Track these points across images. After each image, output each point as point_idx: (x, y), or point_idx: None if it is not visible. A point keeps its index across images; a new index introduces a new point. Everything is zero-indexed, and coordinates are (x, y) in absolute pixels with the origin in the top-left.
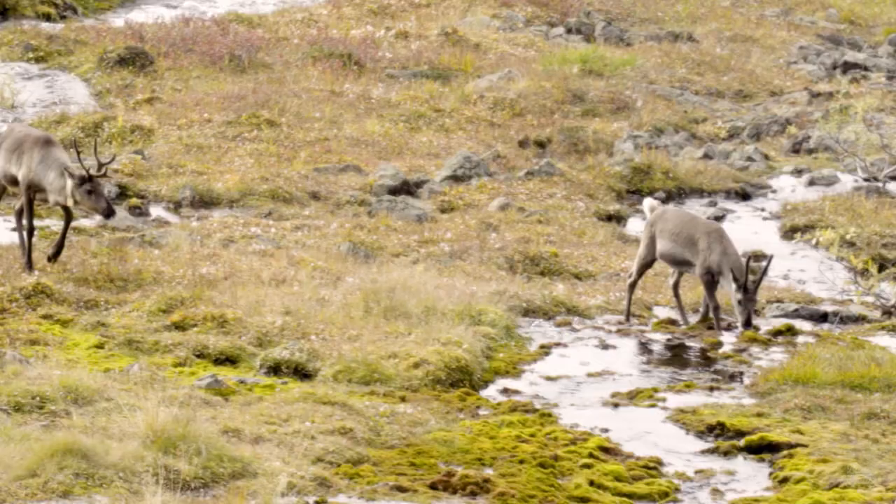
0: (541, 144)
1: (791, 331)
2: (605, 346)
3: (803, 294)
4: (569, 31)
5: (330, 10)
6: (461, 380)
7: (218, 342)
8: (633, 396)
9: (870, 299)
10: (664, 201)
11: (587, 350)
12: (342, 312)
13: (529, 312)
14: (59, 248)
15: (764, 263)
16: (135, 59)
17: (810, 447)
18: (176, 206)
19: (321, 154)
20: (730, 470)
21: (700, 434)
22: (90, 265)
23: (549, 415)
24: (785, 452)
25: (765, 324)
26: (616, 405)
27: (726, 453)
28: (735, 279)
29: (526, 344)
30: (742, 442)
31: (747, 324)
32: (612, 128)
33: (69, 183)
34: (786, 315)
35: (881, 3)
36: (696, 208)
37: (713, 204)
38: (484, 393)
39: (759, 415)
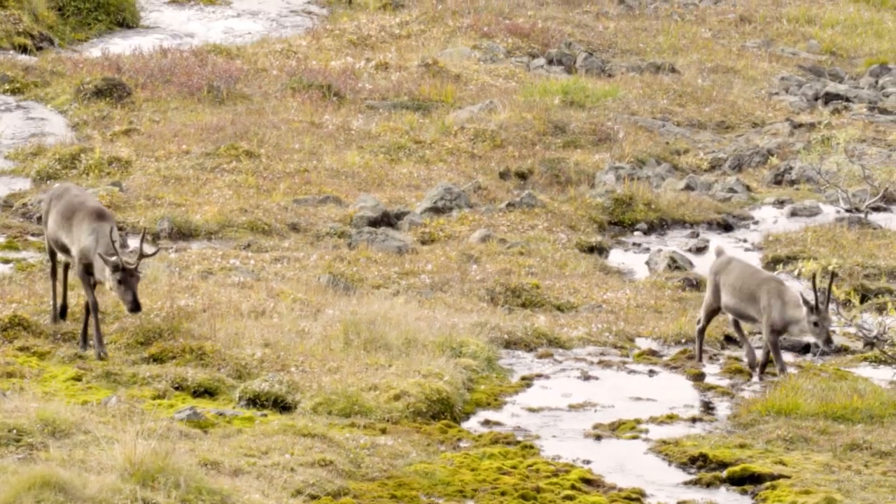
0: (522, 176)
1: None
2: (587, 378)
3: None
4: (550, 62)
5: (309, 41)
6: (442, 412)
7: (197, 374)
8: (616, 428)
9: (852, 330)
10: (646, 233)
11: (569, 381)
12: (322, 344)
13: (511, 344)
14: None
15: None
16: (112, 91)
17: (793, 478)
18: (154, 238)
19: (301, 185)
20: (712, 501)
21: (682, 465)
22: (68, 298)
23: (531, 446)
24: (768, 484)
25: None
26: (598, 437)
27: (709, 485)
28: (806, 304)
29: (507, 375)
30: (724, 473)
31: (829, 342)
32: (593, 159)
33: (107, 268)
34: None
35: (862, 35)
36: (679, 239)
37: (695, 235)
38: (465, 425)
39: (742, 446)
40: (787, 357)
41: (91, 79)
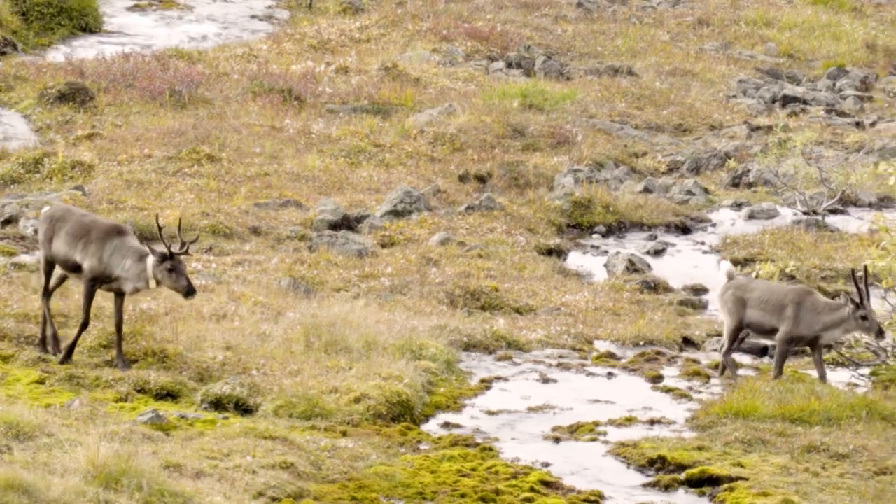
0: (481, 179)
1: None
2: (546, 380)
3: None
4: (509, 65)
5: (270, 45)
6: (402, 414)
7: (159, 377)
8: (574, 430)
9: None
10: (604, 235)
11: (528, 384)
12: (283, 347)
13: (470, 347)
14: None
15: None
16: (75, 95)
17: (751, 480)
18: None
19: (262, 189)
20: (671, 503)
21: (641, 468)
22: (31, 301)
23: (491, 449)
24: (726, 486)
25: (705, 357)
26: (557, 439)
27: (667, 487)
28: (851, 301)
29: (467, 378)
30: (683, 475)
31: (880, 333)
32: (552, 162)
33: (150, 262)
34: None
35: (820, 37)
36: (637, 242)
37: (653, 237)
38: (425, 427)
39: (700, 448)
40: (745, 359)
41: (54, 83)
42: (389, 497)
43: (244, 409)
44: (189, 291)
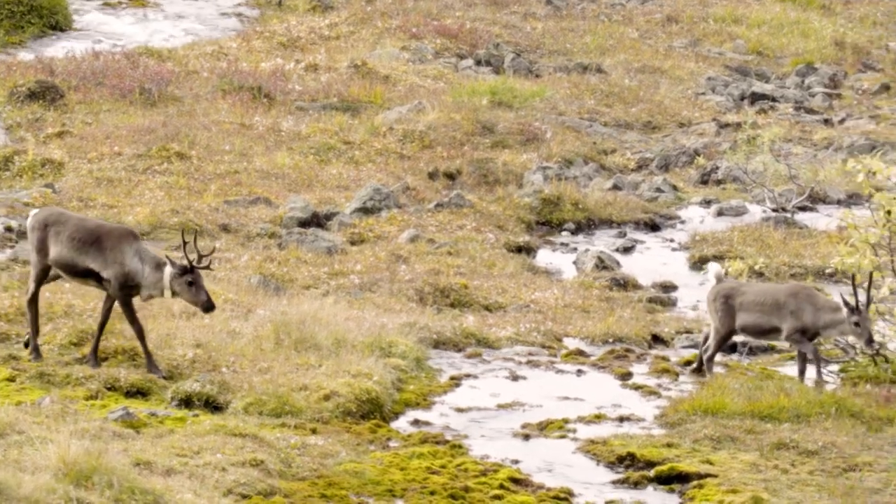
0: (450, 176)
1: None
2: (516, 378)
3: None
4: (478, 62)
5: (240, 43)
6: (372, 411)
7: (129, 375)
8: (544, 427)
9: None
10: (573, 232)
11: (497, 381)
12: (253, 345)
13: (440, 344)
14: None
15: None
16: (45, 93)
17: (720, 477)
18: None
19: (231, 187)
20: (640, 500)
21: (610, 465)
22: (1, 298)
23: (460, 446)
24: (695, 483)
25: (674, 355)
26: (526, 436)
27: (636, 484)
28: (847, 305)
29: (436, 375)
30: (652, 472)
31: (870, 341)
32: (521, 159)
33: (167, 273)
34: (695, 346)
35: (788, 35)
36: (606, 239)
37: (622, 235)
38: (394, 424)
39: (669, 445)
40: (715, 357)
41: (24, 81)
42: (359, 494)
43: (214, 406)
44: (208, 307)
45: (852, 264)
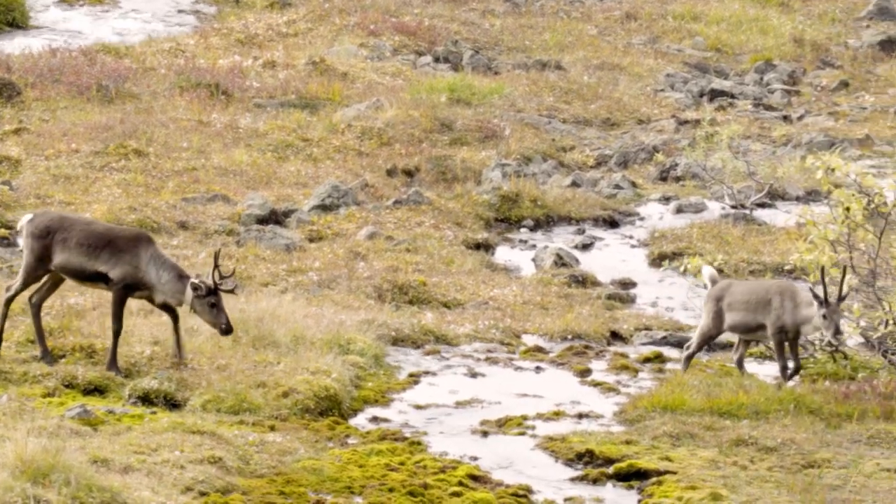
0: (409, 173)
1: (659, 358)
2: (474, 375)
3: (671, 321)
4: (436, 59)
5: (197, 39)
6: (330, 408)
7: (87, 372)
8: (503, 424)
9: None
10: (532, 229)
11: (456, 378)
12: (211, 342)
13: (398, 341)
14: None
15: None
16: (1, 91)
17: (679, 474)
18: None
19: (189, 184)
20: (599, 497)
21: (569, 462)
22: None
23: (419, 443)
24: (654, 480)
25: (633, 351)
26: (485, 433)
27: (595, 481)
28: (816, 298)
29: (395, 372)
30: (611, 469)
31: (837, 332)
32: (480, 156)
33: (190, 289)
34: (654, 342)
35: (747, 32)
36: (565, 236)
37: (581, 232)
38: (353, 422)
39: (628, 442)
40: (674, 353)
41: None
42: (317, 491)
43: (172, 403)
44: (227, 330)
45: (811, 261)
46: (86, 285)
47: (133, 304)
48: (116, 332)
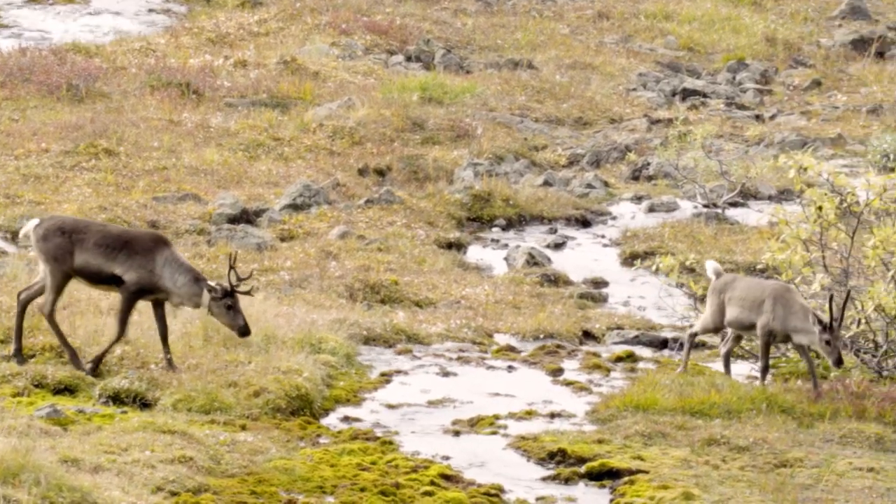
0: (380, 173)
1: (632, 357)
2: (446, 374)
3: (643, 321)
4: (408, 59)
5: (168, 39)
6: (302, 408)
7: (56, 372)
8: (475, 424)
9: None
10: (504, 229)
11: (428, 377)
12: (182, 341)
13: (370, 340)
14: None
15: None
16: None
17: (651, 473)
18: (13, 236)
19: (160, 183)
20: (571, 497)
21: (541, 461)
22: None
23: (391, 442)
24: (626, 479)
25: (605, 351)
26: (457, 433)
27: (567, 480)
28: (819, 322)
29: (367, 372)
30: (583, 469)
31: (839, 362)
32: (452, 155)
33: (206, 292)
34: (626, 342)
35: (720, 31)
36: (537, 235)
37: (553, 231)
38: (325, 421)
39: (600, 441)
40: (646, 352)
41: None
42: (289, 491)
43: (143, 403)
44: (245, 332)
45: (783, 260)
46: (99, 288)
47: (103, 303)
48: (117, 338)
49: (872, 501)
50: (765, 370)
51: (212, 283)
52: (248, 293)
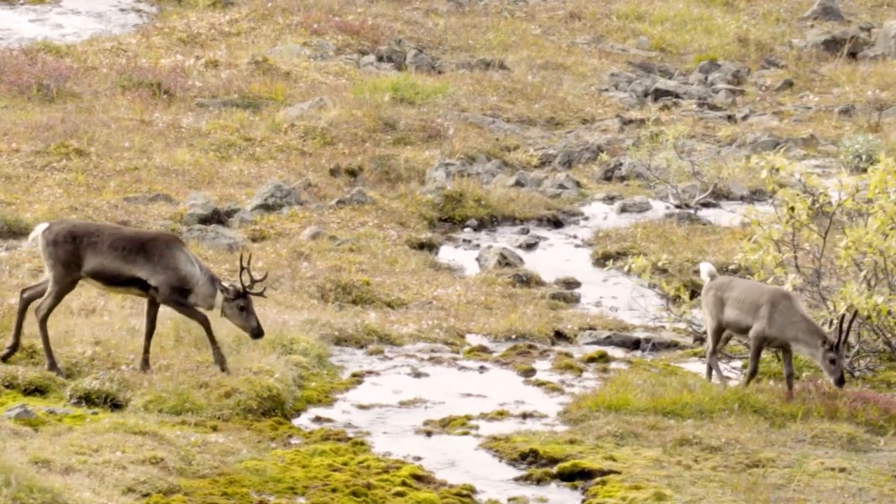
0: (352, 173)
1: (604, 358)
2: (418, 374)
3: (616, 321)
4: (380, 59)
5: (139, 39)
6: (273, 409)
7: (27, 372)
8: (446, 424)
9: (682, 326)
10: (476, 229)
11: (400, 378)
12: (153, 342)
13: (342, 341)
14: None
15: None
16: None
17: (623, 474)
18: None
19: (131, 183)
20: (543, 497)
21: (513, 461)
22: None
23: (362, 443)
24: (598, 479)
25: (577, 351)
26: (429, 433)
27: (539, 481)
28: (824, 340)
29: (338, 372)
30: (555, 469)
31: (841, 381)
32: (423, 156)
33: (220, 295)
34: (598, 342)
35: (692, 31)
36: (509, 235)
37: (525, 231)
38: (296, 422)
39: (572, 442)
40: (618, 353)
41: None
42: (260, 492)
43: (114, 404)
44: (258, 333)
45: (755, 261)
46: (116, 291)
47: (74, 303)
48: (204, 324)
49: (844, 501)
50: (752, 375)
51: (225, 284)
52: (261, 294)
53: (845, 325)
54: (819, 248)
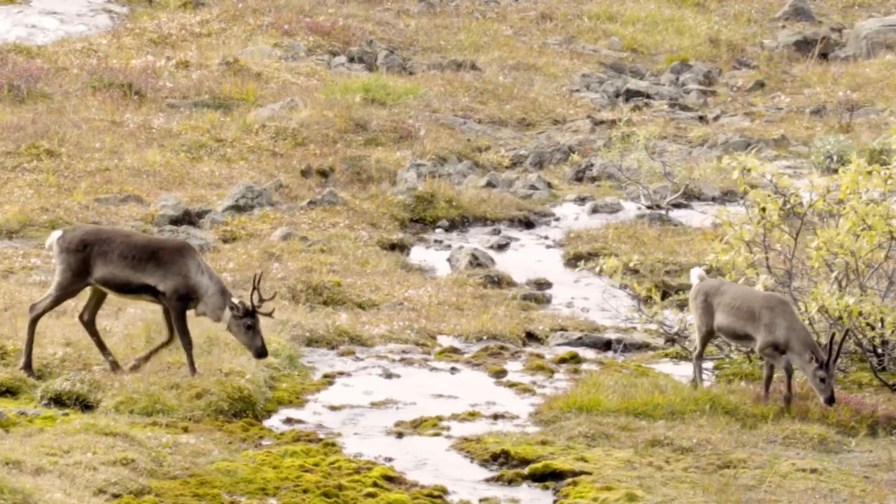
0: (323, 174)
1: (575, 359)
2: (389, 375)
3: (587, 322)
4: (351, 60)
5: (110, 39)
6: (244, 410)
7: None
8: (418, 425)
9: (653, 327)
10: (447, 230)
11: (371, 379)
12: (124, 343)
13: (313, 342)
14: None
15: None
16: None
17: (595, 475)
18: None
19: (102, 184)
20: (514, 498)
21: (484, 462)
22: None
23: (333, 444)
24: (569, 480)
25: (548, 352)
26: (400, 434)
27: (510, 481)
28: (815, 357)
29: (309, 373)
30: (526, 470)
31: (831, 400)
32: (395, 157)
33: (228, 311)
34: (570, 343)
35: (663, 32)
36: (480, 236)
37: (497, 232)
38: (267, 423)
39: (544, 443)
40: (589, 354)
41: None
42: (231, 493)
43: (85, 405)
44: (262, 353)
45: (727, 261)
46: (129, 298)
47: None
48: (187, 346)
49: (815, 502)
50: (768, 380)
51: (235, 300)
52: (269, 315)
53: (835, 345)
54: (790, 248)
